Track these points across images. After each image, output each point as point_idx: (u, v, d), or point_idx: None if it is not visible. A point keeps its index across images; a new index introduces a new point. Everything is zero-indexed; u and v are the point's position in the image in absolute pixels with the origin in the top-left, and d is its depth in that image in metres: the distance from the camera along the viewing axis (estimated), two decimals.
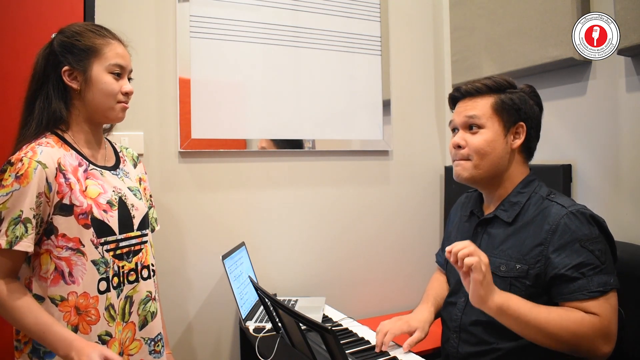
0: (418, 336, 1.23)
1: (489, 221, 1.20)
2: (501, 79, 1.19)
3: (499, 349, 1.10)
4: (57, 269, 1.02)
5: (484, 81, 1.19)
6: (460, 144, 1.17)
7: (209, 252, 1.72)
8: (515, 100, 1.16)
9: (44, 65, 1.08)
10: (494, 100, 1.16)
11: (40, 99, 1.07)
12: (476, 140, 1.15)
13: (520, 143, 1.17)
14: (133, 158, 1.29)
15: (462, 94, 1.21)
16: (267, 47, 1.83)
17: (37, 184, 0.99)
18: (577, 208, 1.08)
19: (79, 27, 1.11)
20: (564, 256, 1.03)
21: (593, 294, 1.00)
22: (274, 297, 0.99)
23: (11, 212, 0.98)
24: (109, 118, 1.13)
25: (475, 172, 1.16)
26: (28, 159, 0.99)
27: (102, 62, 1.09)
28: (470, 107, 1.18)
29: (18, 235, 0.98)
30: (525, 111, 1.17)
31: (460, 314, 1.19)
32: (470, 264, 0.96)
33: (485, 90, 1.17)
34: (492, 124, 1.15)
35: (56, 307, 1.02)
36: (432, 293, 1.37)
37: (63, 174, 1.03)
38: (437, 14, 2.18)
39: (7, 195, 0.98)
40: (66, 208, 1.03)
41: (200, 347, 1.74)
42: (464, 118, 1.18)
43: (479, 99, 1.18)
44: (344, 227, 1.98)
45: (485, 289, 0.97)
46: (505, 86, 1.18)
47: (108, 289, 1.07)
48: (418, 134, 2.13)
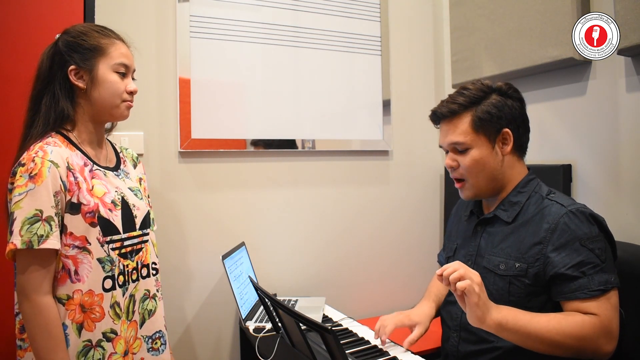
0: (419, 331, 1.23)
1: (488, 220, 1.21)
2: (474, 90, 1.16)
3: (499, 347, 1.10)
4: (65, 267, 1.03)
5: (457, 99, 1.16)
6: (453, 166, 1.18)
7: (209, 252, 1.72)
8: (492, 110, 1.14)
9: (50, 65, 1.09)
10: (471, 118, 1.15)
11: (46, 98, 1.08)
12: (467, 161, 1.15)
13: (510, 148, 1.16)
14: (133, 158, 1.29)
15: (439, 117, 1.20)
16: (267, 47, 1.83)
17: (52, 182, 1.00)
18: (576, 207, 1.08)
19: (84, 27, 1.13)
20: (564, 255, 1.03)
21: (594, 292, 1.00)
22: (274, 297, 0.99)
23: (25, 212, 0.98)
24: (114, 116, 1.15)
25: (477, 191, 1.18)
26: (40, 159, 1.00)
27: (107, 61, 1.10)
28: (451, 131, 1.17)
29: (43, 234, 0.98)
30: (506, 116, 1.15)
31: (460, 312, 1.19)
32: (463, 287, 0.93)
33: (461, 109, 1.15)
34: (477, 142, 1.14)
35: (63, 306, 1.02)
36: (433, 290, 1.38)
37: (72, 172, 1.04)
38: (437, 14, 2.18)
39: (21, 195, 0.98)
40: (75, 207, 1.03)
41: (200, 347, 1.74)
42: (449, 144, 1.18)
43: (456, 119, 1.16)
44: (344, 227, 1.98)
45: (482, 309, 0.96)
46: (480, 97, 1.15)
47: (114, 287, 1.07)
48: (418, 134, 2.13)
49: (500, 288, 1.11)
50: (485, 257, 1.16)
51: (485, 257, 1.16)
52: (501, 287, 1.11)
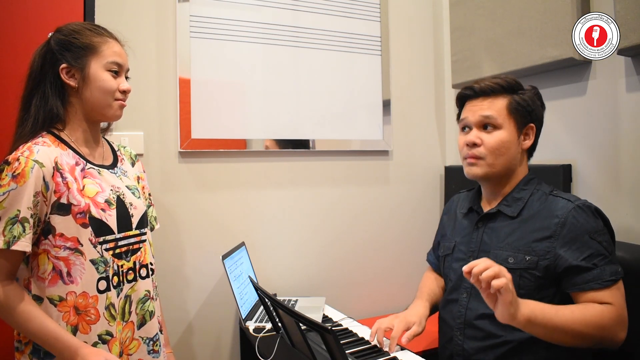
0: (416, 329, 1.22)
1: (490, 216, 1.21)
2: (512, 79, 1.19)
3: (509, 341, 1.10)
4: (55, 269, 1.02)
5: (497, 81, 1.18)
6: (476, 142, 1.17)
7: (209, 252, 1.72)
8: (528, 101, 1.17)
9: (41, 64, 1.08)
10: (508, 101, 1.17)
11: (36, 98, 1.07)
12: (492, 140, 1.15)
13: (530, 144, 1.19)
14: (131, 157, 1.28)
15: (476, 93, 1.20)
16: (267, 47, 1.83)
17: (34, 183, 0.99)
18: (582, 202, 1.11)
19: (76, 25, 1.11)
20: (575, 249, 1.06)
21: (607, 282, 1.03)
22: (274, 297, 0.99)
23: (8, 212, 0.97)
24: (107, 116, 1.13)
25: (489, 170, 1.17)
26: (25, 158, 0.99)
27: (99, 59, 1.09)
28: (486, 107, 1.17)
29: (16, 235, 0.97)
30: (536, 112, 1.19)
31: (464, 309, 1.19)
32: (499, 286, 0.92)
33: (500, 90, 1.17)
34: (507, 124, 1.16)
35: (55, 308, 1.01)
36: (425, 290, 1.38)
37: (60, 173, 1.03)
38: (437, 14, 2.18)
39: (3, 195, 0.98)
40: (64, 207, 1.02)
41: (200, 347, 1.74)
42: (480, 117, 1.17)
43: (493, 98, 1.18)
44: (344, 227, 1.98)
45: (514, 306, 0.96)
46: (517, 87, 1.19)
47: (108, 288, 1.06)
48: (418, 134, 2.13)
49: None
50: (492, 252, 1.16)
51: (491, 252, 1.17)
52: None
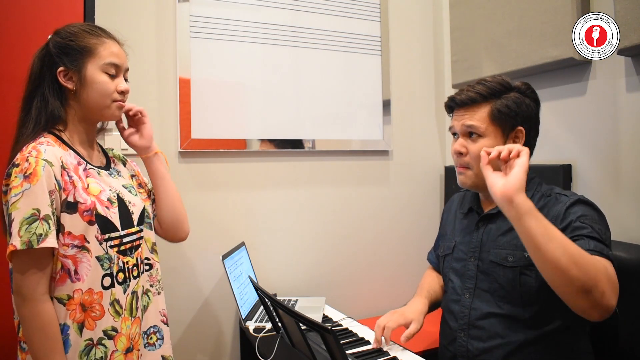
0: (414, 327, 1.23)
1: (490, 217, 1.21)
2: (495, 83, 1.17)
3: (512, 342, 1.10)
4: (64, 267, 1.02)
5: (477, 89, 1.17)
6: (461, 151, 1.18)
7: (209, 252, 1.72)
8: (511, 105, 1.15)
9: (40, 67, 1.09)
10: (489, 109, 1.16)
11: (37, 100, 1.08)
12: (476, 149, 1.15)
13: None
14: (120, 158, 1.29)
15: (457, 104, 1.21)
16: (267, 47, 1.83)
17: (47, 181, 0.99)
18: (578, 197, 1.11)
19: (74, 27, 1.12)
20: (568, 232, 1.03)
21: (591, 252, 0.97)
22: (274, 297, 0.99)
23: (22, 212, 0.97)
24: (105, 117, 1.14)
25: (477, 180, 1.17)
26: (34, 158, 0.99)
27: (96, 61, 1.09)
28: (467, 117, 1.18)
29: (42, 233, 0.97)
30: (522, 114, 1.16)
31: (468, 310, 1.18)
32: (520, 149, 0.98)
33: (480, 99, 1.16)
34: (490, 132, 1.15)
35: (64, 307, 1.02)
36: (425, 287, 1.38)
37: (66, 171, 1.04)
38: (437, 14, 2.18)
39: (17, 196, 0.98)
40: (71, 206, 1.03)
41: (200, 347, 1.74)
42: (463, 127, 1.18)
43: (475, 107, 1.17)
44: (344, 227, 1.98)
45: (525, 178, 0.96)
46: (500, 90, 1.17)
47: (112, 285, 1.07)
48: (418, 134, 2.13)
49: (510, 280, 1.12)
50: (491, 252, 1.17)
51: (490, 252, 1.17)
52: (511, 279, 1.11)
